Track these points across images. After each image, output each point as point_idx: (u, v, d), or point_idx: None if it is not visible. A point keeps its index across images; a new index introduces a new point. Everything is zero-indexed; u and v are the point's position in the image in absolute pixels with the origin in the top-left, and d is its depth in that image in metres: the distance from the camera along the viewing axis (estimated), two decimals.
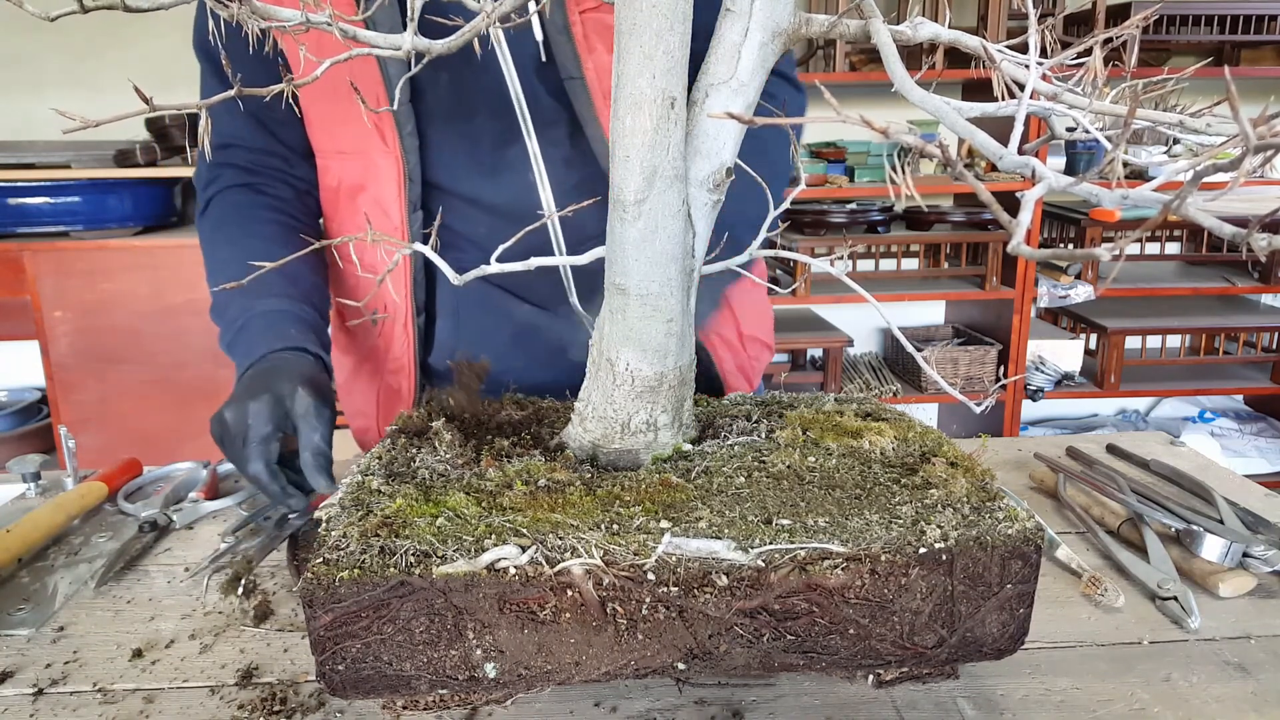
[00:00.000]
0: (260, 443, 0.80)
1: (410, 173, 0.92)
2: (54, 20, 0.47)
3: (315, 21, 0.52)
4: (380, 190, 0.94)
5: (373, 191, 0.95)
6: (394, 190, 0.93)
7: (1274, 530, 0.83)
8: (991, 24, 2.56)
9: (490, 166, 0.95)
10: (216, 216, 0.99)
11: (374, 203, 0.95)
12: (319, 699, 0.63)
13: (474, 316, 1.03)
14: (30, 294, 2.42)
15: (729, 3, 0.61)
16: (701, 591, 0.53)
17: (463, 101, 0.92)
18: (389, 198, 0.94)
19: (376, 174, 0.93)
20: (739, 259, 0.73)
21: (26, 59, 2.68)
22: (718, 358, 1.06)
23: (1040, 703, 0.62)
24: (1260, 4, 2.65)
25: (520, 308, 1.02)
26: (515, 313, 1.02)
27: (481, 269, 0.69)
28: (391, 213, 0.94)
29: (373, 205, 0.95)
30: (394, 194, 0.93)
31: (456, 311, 1.03)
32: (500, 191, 0.95)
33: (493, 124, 0.93)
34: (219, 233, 0.98)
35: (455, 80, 0.91)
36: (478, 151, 0.94)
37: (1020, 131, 0.47)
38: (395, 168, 0.92)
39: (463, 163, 0.95)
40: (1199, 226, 0.71)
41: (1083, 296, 2.78)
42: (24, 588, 0.80)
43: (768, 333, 1.17)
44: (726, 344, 1.07)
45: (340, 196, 0.99)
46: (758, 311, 1.14)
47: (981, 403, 0.62)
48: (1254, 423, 3.12)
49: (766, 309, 1.18)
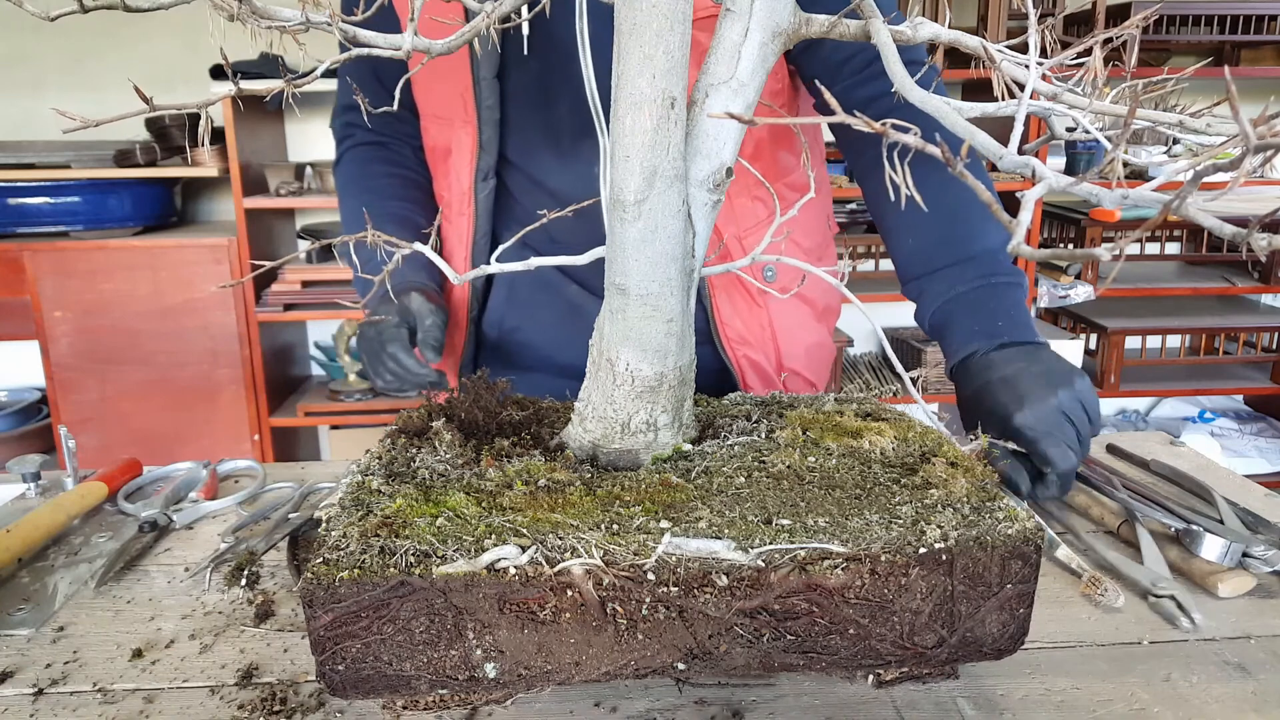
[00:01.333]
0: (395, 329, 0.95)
1: (484, 144, 0.98)
2: (54, 20, 0.47)
3: (315, 22, 0.52)
4: (458, 156, 1.01)
5: (455, 157, 1.02)
6: (466, 158, 1.00)
7: (1274, 530, 0.83)
8: (991, 24, 2.56)
9: (564, 153, 0.98)
10: (346, 172, 1.13)
11: (452, 168, 1.03)
12: (319, 699, 0.63)
13: (527, 290, 1.08)
14: (30, 294, 2.42)
15: (729, 3, 0.61)
16: (701, 591, 0.54)
17: (545, 89, 0.96)
18: (462, 164, 1.01)
19: (458, 141, 1.00)
20: (740, 262, 0.73)
21: (26, 59, 2.68)
22: (743, 382, 1.04)
23: (1040, 703, 0.62)
24: (1260, 4, 2.65)
25: (569, 287, 1.06)
26: (565, 291, 1.06)
27: (482, 269, 0.72)
28: (463, 178, 1.01)
29: (451, 170, 1.03)
30: (466, 161, 1.00)
31: (512, 283, 1.08)
32: (567, 177, 0.99)
33: (573, 115, 0.96)
34: (348, 185, 1.12)
35: (541, 68, 0.94)
36: (554, 137, 0.98)
37: (1020, 131, 0.47)
38: (470, 138, 0.98)
39: (538, 145, 1.00)
40: (1199, 226, 0.71)
41: (1083, 296, 2.78)
42: (24, 588, 0.80)
43: (817, 372, 1.11)
44: (756, 368, 1.04)
45: (436, 157, 1.07)
46: (809, 343, 1.08)
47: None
48: (1254, 423, 3.12)
49: (821, 344, 1.11)
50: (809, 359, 1.09)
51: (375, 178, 1.11)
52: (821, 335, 1.11)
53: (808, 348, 1.09)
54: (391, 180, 1.10)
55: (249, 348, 2.48)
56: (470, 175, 1.01)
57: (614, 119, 0.59)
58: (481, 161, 0.99)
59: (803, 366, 1.08)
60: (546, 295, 1.06)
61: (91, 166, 2.40)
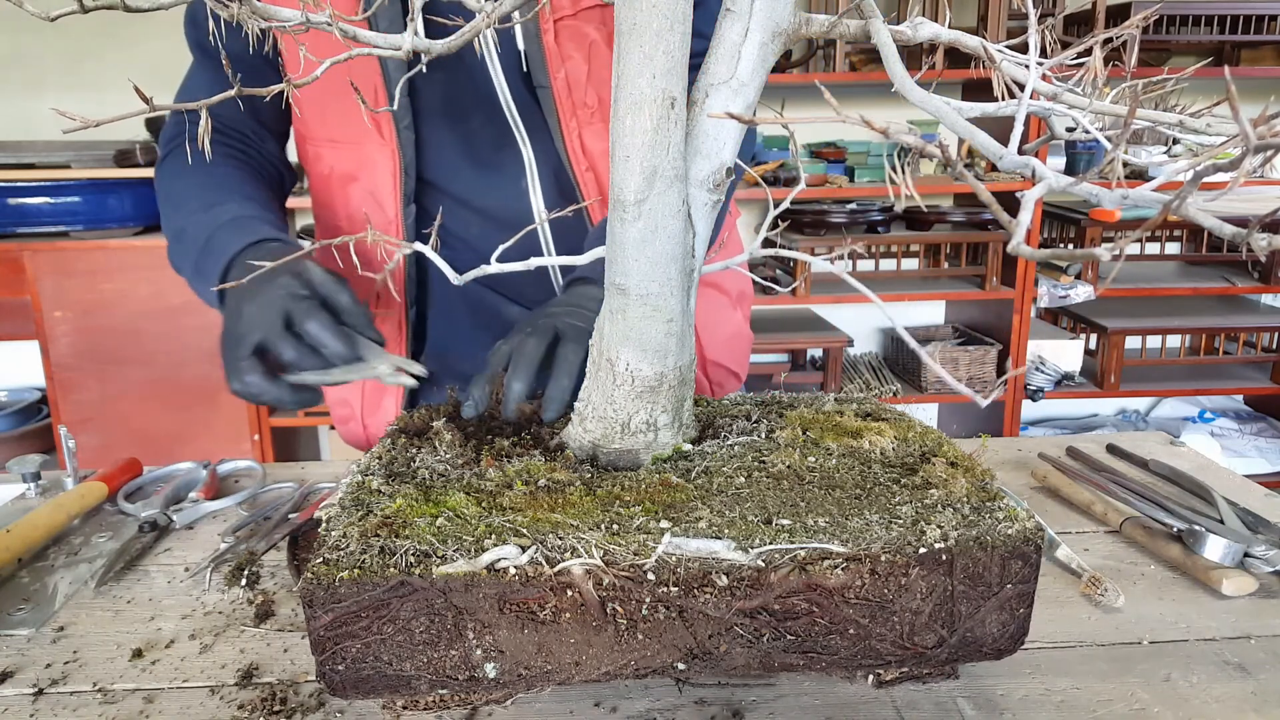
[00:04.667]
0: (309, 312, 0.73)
1: (406, 166, 0.91)
2: (54, 20, 0.47)
3: (315, 22, 0.52)
4: (375, 182, 0.93)
5: (365, 183, 0.94)
6: (389, 183, 0.92)
7: (1274, 530, 0.83)
8: (991, 24, 2.57)
9: (484, 168, 0.94)
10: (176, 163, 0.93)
11: (368, 194, 0.94)
12: (319, 699, 0.63)
13: (465, 315, 1.03)
14: (30, 294, 2.42)
15: (729, 3, 0.61)
16: (701, 591, 0.54)
17: (455, 102, 0.92)
18: (384, 190, 0.93)
19: (371, 165, 0.92)
20: (739, 258, 0.73)
21: (26, 59, 2.68)
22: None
23: (1040, 703, 0.62)
24: (1260, 4, 2.65)
25: (510, 308, 1.02)
26: (505, 313, 1.02)
27: (482, 269, 0.68)
28: (386, 205, 0.93)
29: (366, 197, 0.94)
30: (389, 187, 0.92)
31: (448, 309, 1.03)
32: (492, 194, 0.95)
33: (488, 127, 0.93)
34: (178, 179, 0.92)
35: (449, 80, 0.90)
36: (473, 152, 0.94)
37: (1020, 131, 0.47)
38: (391, 160, 0.91)
39: (457, 162, 0.94)
40: (1199, 226, 0.71)
41: (1083, 296, 2.78)
42: (24, 588, 0.80)
43: (737, 360, 1.10)
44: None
45: (332, 184, 0.97)
46: (728, 334, 1.08)
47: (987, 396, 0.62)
48: (1254, 423, 3.12)
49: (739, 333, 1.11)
50: (729, 349, 1.08)
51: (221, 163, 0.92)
52: (739, 323, 1.10)
53: (727, 338, 1.08)
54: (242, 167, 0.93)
55: None
56: (396, 200, 0.92)
57: (614, 119, 0.59)
58: (405, 185, 0.92)
59: (724, 357, 1.07)
60: (485, 318, 1.01)
61: (91, 166, 2.40)
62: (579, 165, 0.93)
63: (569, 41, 0.87)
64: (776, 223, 0.74)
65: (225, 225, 0.85)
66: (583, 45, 0.88)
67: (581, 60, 0.88)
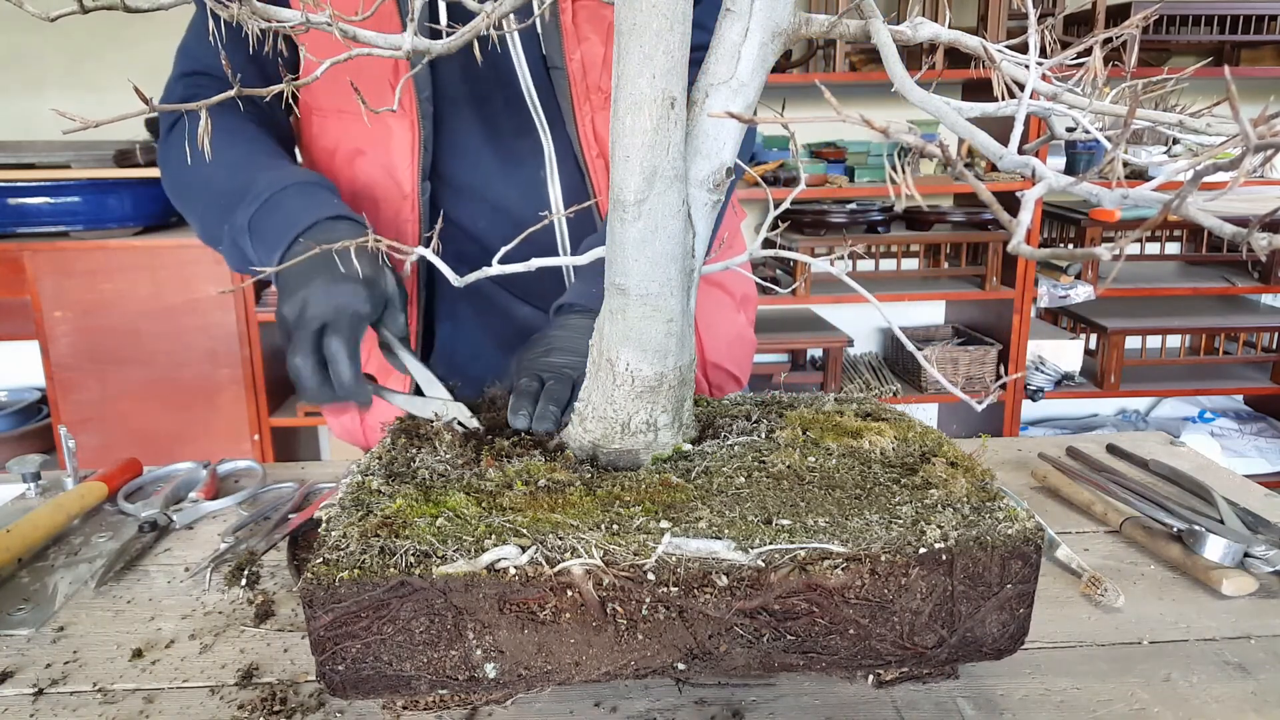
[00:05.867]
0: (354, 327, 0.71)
1: (425, 140, 0.87)
2: (54, 20, 0.47)
3: (315, 22, 0.52)
4: (390, 156, 0.89)
5: (376, 157, 0.90)
6: (406, 157, 0.88)
7: (1274, 530, 0.83)
8: (991, 24, 2.56)
9: (504, 156, 0.92)
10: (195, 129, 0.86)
11: (382, 169, 0.90)
12: (319, 699, 0.63)
13: (473, 314, 1.02)
14: (30, 294, 2.42)
15: (729, 3, 0.61)
16: (701, 591, 0.53)
17: (475, 88, 0.90)
18: (401, 164, 0.89)
19: (387, 138, 0.88)
20: (739, 258, 0.73)
21: (26, 59, 2.68)
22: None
23: (1040, 703, 0.62)
24: (1260, 4, 2.65)
25: (520, 308, 1.01)
26: (515, 312, 1.01)
27: (483, 271, 0.68)
28: (403, 180, 0.89)
29: (380, 172, 0.90)
30: (406, 160, 0.88)
31: (456, 309, 1.02)
32: (510, 183, 0.93)
33: (508, 114, 0.90)
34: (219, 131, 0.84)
35: (468, 61, 0.87)
36: (494, 139, 0.92)
37: (1020, 131, 0.47)
38: (410, 132, 0.87)
39: (477, 147, 0.92)
40: (1199, 226, 0.71)
41: (1083, 296, 2.78)
42: (24, 588, 0.80)
43: (739, 364, 1.08)
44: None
45: (336, 160, 0.92)
46: (730, 335, 1.06)
47: (983, 400, 0.62)
48: (1254, 423, 3.12)
49: (741, 336, 1.09)
50: (731, 351, 1.06)
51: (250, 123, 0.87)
52: (742, 326, 1.09)
53: (729, 340, 1.06)
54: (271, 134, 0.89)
55: (249, 348, 2.48)
56: (413, 175, 0.87)
57: (614, 119, 0.59)
58: (424, 160, 0.87)
59: (725, 359, 1.05)
60: (494, 318, 1.00)
61: (91, 166, 2.40)
62: (589, 151, 0.91)
63: (586, 23, 0.86)
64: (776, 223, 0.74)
65: (291, 189, 0.81)
66: (600, 28, 0.86)
67: (598, 42, 0.86)
